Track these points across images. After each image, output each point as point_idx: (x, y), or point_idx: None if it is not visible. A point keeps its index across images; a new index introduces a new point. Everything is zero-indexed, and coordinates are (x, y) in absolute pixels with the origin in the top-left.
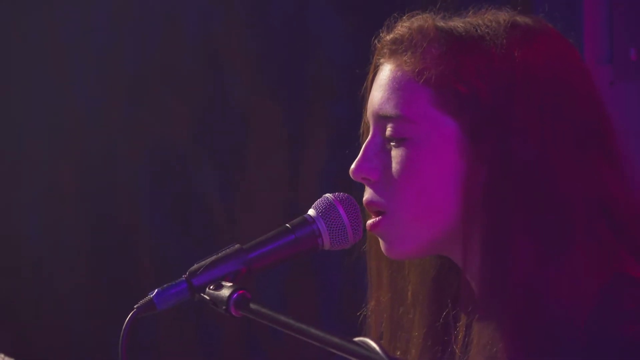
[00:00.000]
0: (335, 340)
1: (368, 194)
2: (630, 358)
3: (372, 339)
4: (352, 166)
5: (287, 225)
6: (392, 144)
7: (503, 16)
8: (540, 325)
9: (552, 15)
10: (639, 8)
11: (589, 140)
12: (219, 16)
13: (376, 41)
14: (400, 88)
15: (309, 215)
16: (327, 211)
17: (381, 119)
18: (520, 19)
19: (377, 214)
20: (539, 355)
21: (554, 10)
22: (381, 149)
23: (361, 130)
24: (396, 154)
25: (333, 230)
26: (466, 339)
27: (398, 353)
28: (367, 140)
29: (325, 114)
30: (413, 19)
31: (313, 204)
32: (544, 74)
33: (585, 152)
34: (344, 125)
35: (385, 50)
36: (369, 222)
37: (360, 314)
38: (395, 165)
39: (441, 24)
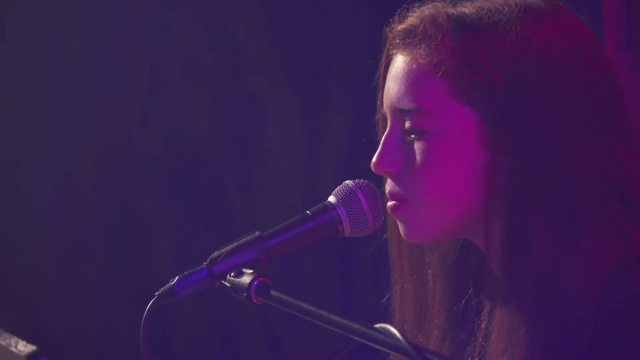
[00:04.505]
0: (356, 327)
1: (390, 185)
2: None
3: (393, 326)
4: (373, 160)
5: (308, 212)
6: (412, 136)
7: (515, 0)
8: (557, 306)
9: (572, 4)
10: None
11: (604, 121)
12: (237, 7)
13: (387, 30)
14: (417, 81)
15: (329, 202)
16: (347, 198)
17: (399, 112)
18: (532, 1)
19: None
20: (555, 338)
21: (573, 0)
22: (401, 142)
23: (377, 118)
24: (416, 146)
25: (353, 216)
26: (489, 327)
27: (421, 337)
28: (386, 133)
29: (342, 102)
30: (424, 8)
31: (333, 190)
32: (559, 58)
33: (600, 134)
34: (361, 113)
35: (397, 41)
36: (390, 203)
37: (384, 300)
38: (416, 158)
39: (453, 12)
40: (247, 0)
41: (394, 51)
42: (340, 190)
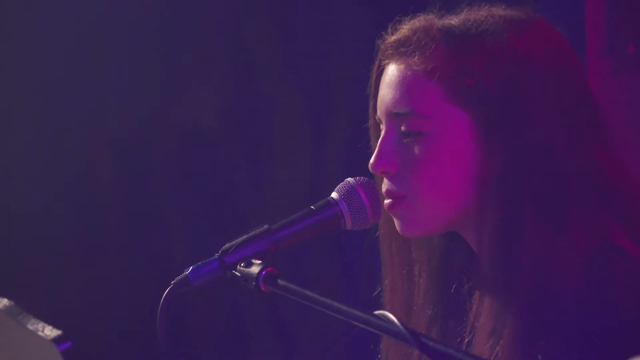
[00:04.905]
0: (358, 313)
1: (387, 185)
2: (616, 319)
3: (385, 309)
4: (371, 161)
5: (312, 207)
6: (408, 138)
7: (497, 11)
8: (543, 292)
9: (556, 14)
10: (635, 6)
11: (584, 123)
12: (248, 11)
13: (379, 42)
14: (412, 86)
15: (332, 197)
16: (349, 194)
17: (395, 117)
18: (513, 12)
19: (395, 199)
20: (541, 320)
21: (558, 9)
22: (397, 144)
23: (369, 125)
24: (413, 147)
25: (354, 211)
26: (479, 310)
27: (409, 326)
28: (382, 137)
29: (346, 103)
30: (415, 20)
31: (336, 187)
32: (542, 63)
33: (582, 135)
34: (364, 115)
35: (390, 51)
36: (387, 201)
37: (375, 293)
38: (412, 158)
39: (443, 23)
40: (257, 5)
41: (387, 61)
42: (342, 187)
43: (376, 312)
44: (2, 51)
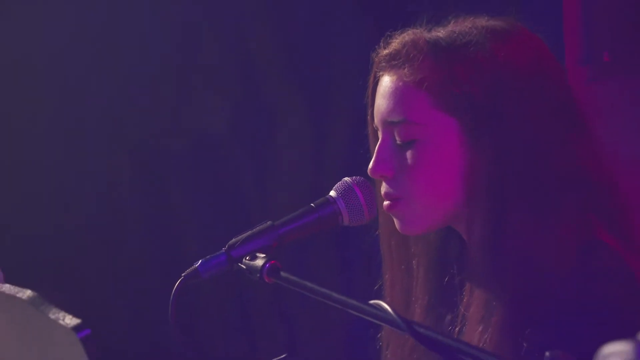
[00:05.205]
0: (354, 303)
1: (385, 187)
2: (603, 309)
3: (384, 302)
4: (370, 166)
5: (312, 204)
6: (402, 144)
7: (480, 22)
8: (529, 282)
9: (536, 24)
10: (610, 16)
11: (566, 125)
12: (252, 21)
13: (373, 56)
14: (404, 96)
15: (330, 196)
16: (346, 192)
17: (390, 125)
18: (495, 23)
19: (393, 201)
20: (529, 308)
21: (537, 19)
22: (393, 150)
23: (368, 132)
24: (407, 153)
25: (351, 209)
26: (470, 300)
27: (407, 315)
28: (379, 143)
29: (345, 107)
30: (405, 34)
31: (334, 186)
32: (524, 70)
33: (564, 136)
34: (361, 118)
35: (383, 64)
36: (386, 203)
37: (377, 286)
38: (407, 163)
39: (429, 36)
40: (261, 14)
41: (381, 73)
42: (340, 185)
43: (371, 302)
44: (18, 53)
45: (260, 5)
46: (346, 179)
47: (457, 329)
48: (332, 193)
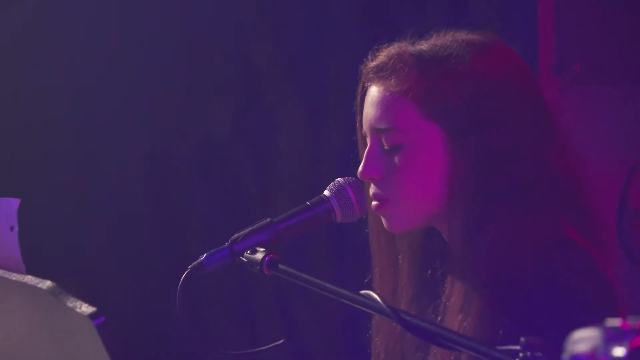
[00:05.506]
0: (347, 293)
1: (373, 189)
2: (572, 299)
3: (374, 292)
4: (360, 169)
5: (307, 203)
6: (389, 150)
7: (460, 36)
8: (504, 275)
9: (512, 36)
10: (582, 29)
11: (541, 131)
12: (253, 30)
13: (362, 68)
14: (391, 105)
15: (324, 195)
16: (338, 192)
17: (377, 132)
18: (474, 36)
19: (381, 201)
20: (504, 299)
21: (513, 32)
22: (380, 154)
23: (357, 138)
24: (394, 157)
25: (343, 207)
26: (451, 291)
27: (394, 306)
28: (368, 149)
29: (340, 112)
30: (391, 48)
31: (327, 186)
32: (501, 80)
33: (539, 142)
34: (354, 124)
35: (371, 75)
36: (374, 203)
37: (368, 278)
38: (394, 166)
39: (413, 49)
40: (261, 23)
41: (368, 84)
42: (333, 185)
43: (362, 292)
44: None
45: (263, 16)
46: (339, 179)
47: (439, 317)
48: (326, 192)
